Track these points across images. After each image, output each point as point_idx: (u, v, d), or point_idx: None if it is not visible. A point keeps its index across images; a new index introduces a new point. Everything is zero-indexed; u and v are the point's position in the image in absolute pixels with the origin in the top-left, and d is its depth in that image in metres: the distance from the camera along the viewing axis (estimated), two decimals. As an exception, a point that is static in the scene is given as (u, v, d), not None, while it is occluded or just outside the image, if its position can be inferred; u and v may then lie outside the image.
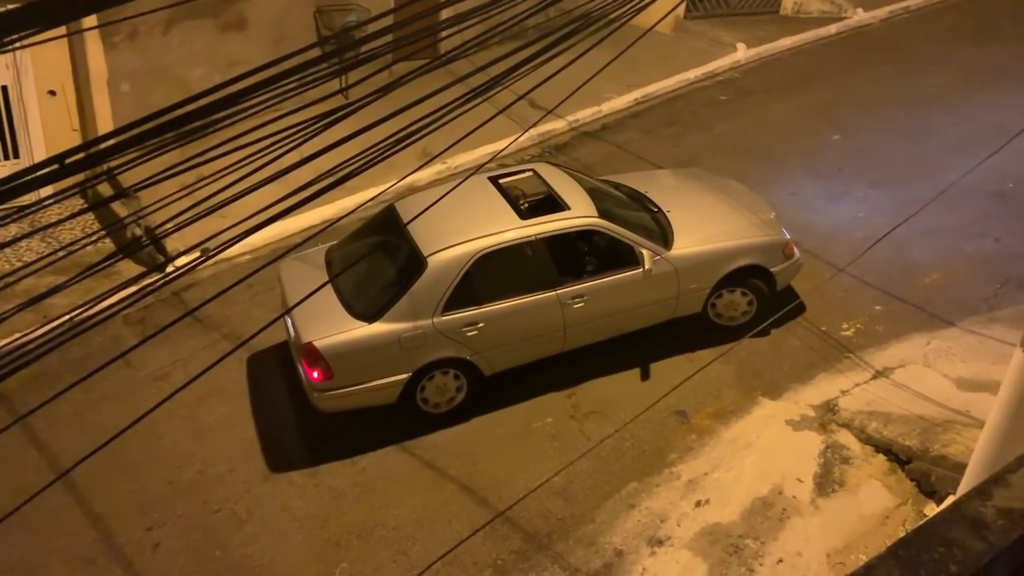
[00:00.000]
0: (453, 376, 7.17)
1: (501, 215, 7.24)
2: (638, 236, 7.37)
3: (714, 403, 7.35)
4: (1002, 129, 7.68)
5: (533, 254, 7.16)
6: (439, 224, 7.03)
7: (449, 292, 6.87)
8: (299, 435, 7.29)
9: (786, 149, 10.65)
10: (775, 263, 7.79)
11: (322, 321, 6.82)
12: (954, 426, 6.83)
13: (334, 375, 6.77)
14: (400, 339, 6.83)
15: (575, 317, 7.29)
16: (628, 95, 12.30)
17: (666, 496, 6.58)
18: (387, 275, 7.16)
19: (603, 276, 7.32)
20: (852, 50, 13.73)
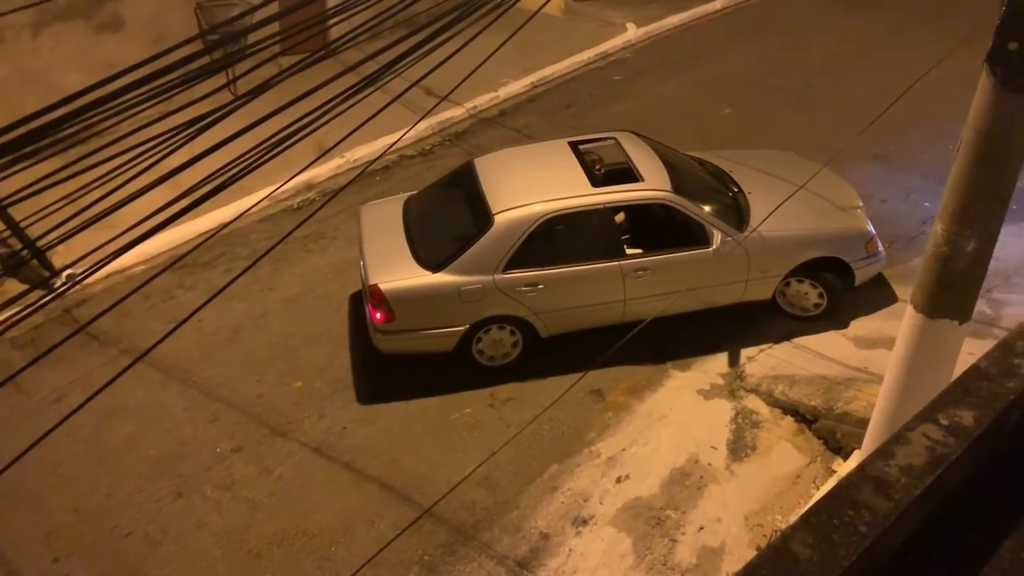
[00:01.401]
0: (509, 332, 7.34)
1: (574, 180, 7.30)
2: (710, 215, 7.28)
3: (628, 379, 7.45)
4: (882, 93, 8.01)
5: (600, 222, 7.20)
6: (512, 183, 7.34)
7: (512, 251, 7.02)
8: (210, 448, 7.05)
9: (681, 125, 10.85)
10: (854, 257, 7.58)
11: (390, 266, 7.16)
12: (855, 383, 7.13)
13: (395, 318, 7.07)
14: (460, 291, 7.03)
15: (637, 290, 7.29)
16: (524, 79, 12.31)
17: (587, 475, 6.65)
18: (456, 228, 7.30)
19: (669, 251, 7.28)
20: (737, 25, 14.08)
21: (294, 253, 9.02)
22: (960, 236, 4.71)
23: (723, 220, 7.33)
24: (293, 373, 7.68)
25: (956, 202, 4.68)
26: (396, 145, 10.31)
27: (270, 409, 7.34)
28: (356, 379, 7.58)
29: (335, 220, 9.50)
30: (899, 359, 5.28)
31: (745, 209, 7.60)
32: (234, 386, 7.56)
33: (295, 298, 8.52)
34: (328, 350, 7.89)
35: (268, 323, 8.23)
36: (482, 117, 11.62)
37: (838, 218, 7.71)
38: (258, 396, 7.46)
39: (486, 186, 7.34)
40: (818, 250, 7.47)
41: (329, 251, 9.14)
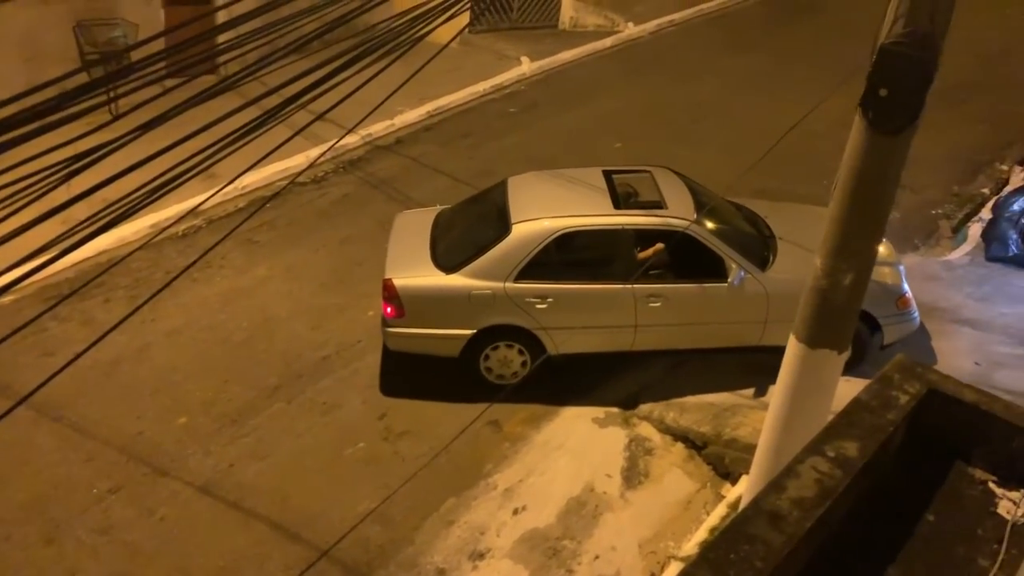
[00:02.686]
0: (518, 351, 7.38)
1: (597, 202, 7.40)
2: (730, 249, 7.23)
3: (525, 409, 7.47)
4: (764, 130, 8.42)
5: (618, 244, 7.24)
6: (537, 199, 7.54)
7: (526, 261, 7.12)
8: (84, 490, 6.63)
9: (573, 158, 11.03)
10: (883, 313, 7.37)
11: (407, 264, 7.40)
12: (741, 409, 7.36)
13: (405, 314, 7.18)
14: (471, 295, 7.15)
15: (649, 317, 7.25)
16: (420, 108, 12.32)
17: (484, 508, 6.60)
18: (476, 236, 7.46)
19: (685, 281, 7.26)
20: (627, 62, 14.53)
21: (178, 283, 8.62)
22: (838, 270, 4.94)
23: (745, 257, 7.29)
24: (176, 408, 7.34)
25: (833, 238, 4.92)
26: (286, 172, 10.13)
27: (151, 447, 6.97)
28: (245, 413, 7.30)
29: (222, 249, 9.17)
30: (783, 387, 5.48)
31: (772, 251, 7.56)
32: (112, 423, 7.16)
33: (179, 330, 8.17)
34: (214, 384, 7.59)
35: (150, 356, 7.85)
36: (377, 145, 11.54)
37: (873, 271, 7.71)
38: (138, 433, 7.09)
39: (512, 199, 7.55)
40: None
41: (216, 281, 8.83)
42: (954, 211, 10.48)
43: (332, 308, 8.51)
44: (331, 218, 9.95)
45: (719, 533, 2.05)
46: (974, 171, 11.37)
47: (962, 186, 11.01)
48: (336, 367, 7.80)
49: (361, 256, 9.26)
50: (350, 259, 9.23)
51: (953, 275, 9.16)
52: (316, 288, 8.79)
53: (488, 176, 10.68)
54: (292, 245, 9.44)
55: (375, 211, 10.05)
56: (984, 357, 7.75)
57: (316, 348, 8.00)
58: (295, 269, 9.06)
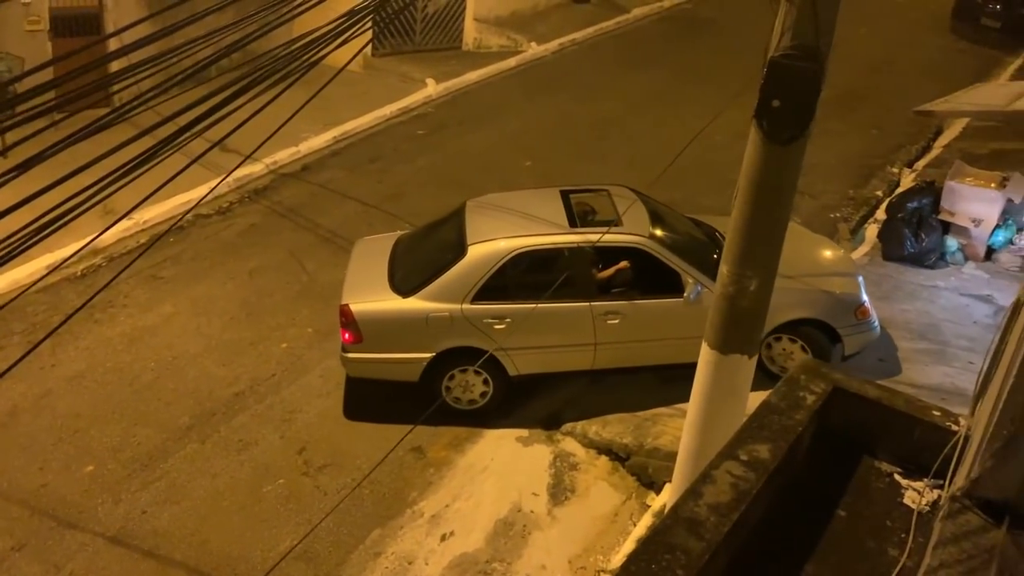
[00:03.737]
0: (478, 376, 7.33)
1: (553, 221, 7.41)
2: (686, 264, 7.21)
3: (448, 433, 7.40)
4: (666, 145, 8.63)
5: (574, 263, 7.22)
6: (493, 220, 7.51)
7: (482, 282, 7.11)
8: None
9: (485, 178, 11.09)
10: (842, 323, 7.44)
11: (364, 289, 7.38)
12: (661, 418, 7.47)
13: (363, 339, 7.13)
14: (428, 318, 7.11)
15: (608, 334, 7.23)
16: (326, 133, 12.16)
17: (412, 536, 6.50)
18: (433, 259, 7.43)
19: (643, 297, 7.25)
20: (532, 81, 14.70)
21: (79, 325, 8.29)
22: (743, 276, 5.08)
23: (702, 272, 7.24)
24: (82, 457, 7.00)
25: (737, 245, 5.06)
26: (190, 204, 9.84)
27: (56, 499, 6.63)
28: (156, 457, 7.02)
29: (124, 287, 8.86)
30: (698, 394, 5.59)
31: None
32: (12, 477, 6.78)
33: (81, 374, 7.81)
34: (122, 428, 7.27)
35: (51, 403, 7.48)
36: (283, 172, 11.33)
37: (828, 282, 7.61)
38: (42, 486, 6.73)
39: (469, 221, 7.54)
40: (802, 311, 7.39)
41: (119, 320, 8.49)
42: (851, 214, 10.91)
43: (243, 342, 8.28)
44: (238, 249, 9.71)
45: (640, 544, 2.05)
46: (867, 175, 11.89)
47: (857, 190, 11.49)
48: (250, 403, 7.58)
49: (271, 287, 9.06)
50: (260, 291, 9.01)
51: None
52: (225, 322, 8.54)
53: (399, 200, 10.65)
54: (198, 279, 9.16)
55: (283, 240, 9.86)
56: (887, 353, 8.07)
57: (228, 384, 7.76)
58: (202, 304, 8.79)
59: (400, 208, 10.43)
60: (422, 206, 10.24)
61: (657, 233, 7.38)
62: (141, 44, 3.63)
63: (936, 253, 9.50)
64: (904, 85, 14.40)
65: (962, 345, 8.16)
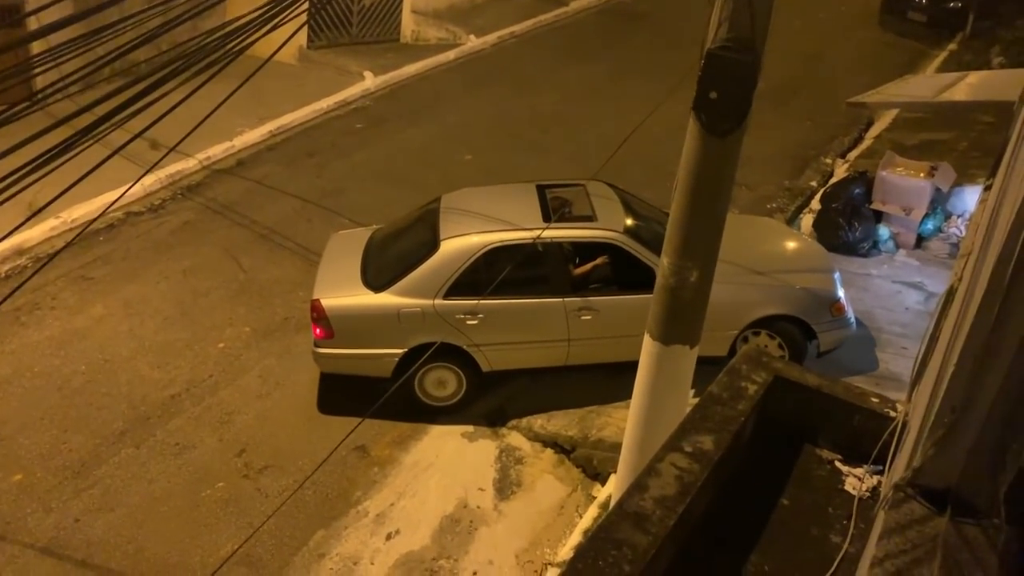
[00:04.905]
0: (452, 372, 7.30)
1: (527, 216, 7.33)
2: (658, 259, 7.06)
3: (392, 431, 7.31)
4: (605, 138, 8.66)
5: (548, 258, 7.21)
6: (467, 215, 7.39)
7: (454, 278, 7.05)
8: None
9: (425, 172, 11.00)
10: (817, 319, 7.45)
11: (335, 284, 7.31)
12: (605, 410, 7.50)
13: (334, 335, 7.07)
14: (400, 313, 7.06)
15: (581, 330, 7.19)
16: (261, 127, 11.91)
17: (356, 536, 6.41)
18: (406, 254, 7.36)
19: (616, 293, 7.22)
20: (471, 74, 14.62)
21: (4, 328, 7.97)
22: (684, 268, 5.11)
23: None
24: (9, 465, 6.73)
25: (677, 237, 5.08)
26: (120, 201, 9.52)
27: (-18, 511, 6.36)
28: (88, 464, 6.78)
29: (52, 288, 8.54)
30: (641, 385, 5.61)
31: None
32: (-67, 489, 6.49)
33: (7, 379, 7.50)
34: (52, 435, 7.01)
35: (-26, 411, 7.18)
36: (217, 168, 11.05)
37: (803, 278, 7.63)
38: (-35, 497, 6.46)
39: (443, 216, 7.48)
40: (776, 307, 7.42)
41: (47, 323, 8.18)
42: (787, 204, 11.11)
43: (178, 343, 8.05)
44: (171, 248, 9.44)
45: (586, 540, 2.03)
46: (802, 166, 12.12)
47: (792, 180, 11.70)
48: (187, 406, 7.38)
49: (206, 286, 8.82)
50: (194, 290, 8.78)
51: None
52: (159, 323, 8.30)
53: (338, 195, 10.48)
54: (130, 279, 8.88)
55: (219, 238, 9.62)
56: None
57: (163, 387, 7.55)
58: (135, 305, 8.52)
59: (340, 204, 10.27)
60: (362, 202, 10.11)
61: (632, 229, 7.37)
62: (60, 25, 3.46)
63: (869, 242, 9.74)
64: (836, 77, 14.72)
65: (895, 331, 8.38)
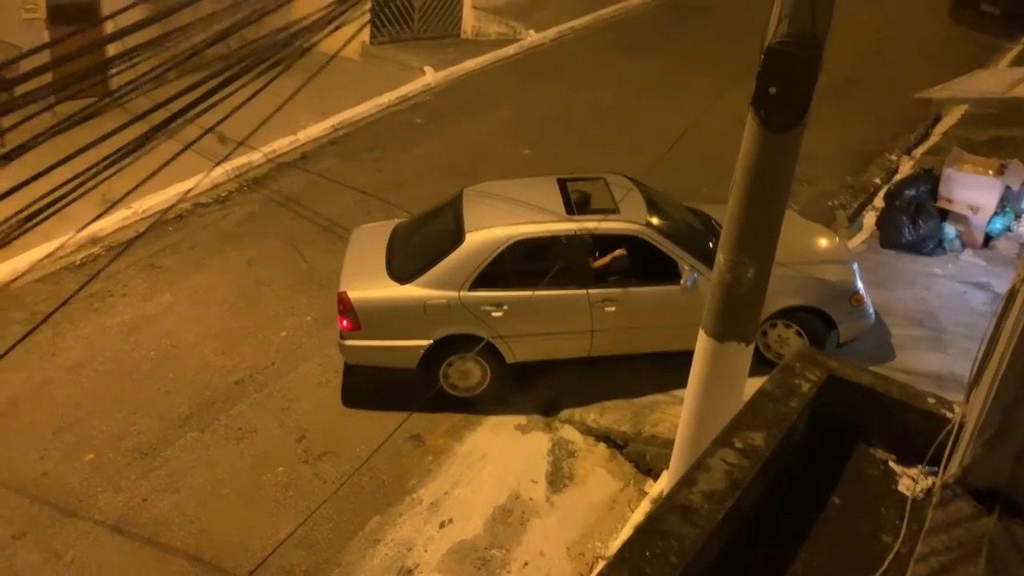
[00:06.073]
0: (476, 362, 7.35)
1: (550, 209, 7.40)
2: (683, 251, 7.23)
3: (446, 421, 7.42)
4: (663, 131, 8.63)
5: (572, 250, 7.24)
6: (491, 208, 7.51)
7: (479, 270, 7.12)
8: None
9: (483, 166, 11.08)
10: (837, 311, 7.49)
11: (361, 277, 7.39)
12: (659, 406, 7.49)
13: (361, 326, 7.15)
14: (425, 305, 7.13)
15: (605, 321, 7.25)
16: (324, 122, 12.14)
17: (410, 523, 6.53)
18: (431, 247, 7.42)
19: (640, 285, 7.27)
20: (530, 69, 14.66)
21: (78, 314, 8.31)
22: (740, 264, 5.09)
23: (698, 259, 7.26)
24: (82, 445, 7.02)
25: (734, 233, 5.07)
26: (190, 193, 9.84)
27: (57, 487, 6.66)
28: (156, 445, 7.04)
29: (123, 276, 8.86)
30: (695, 381, 5.61)
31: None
32: (13, 465, 6.80)
33: (81, 363, 7.83)
34: (122, 417, 7.30)
35: (50, 392, 7.50)
36: (281, 161, 11.31)
37: (823, 269, 7.65)
38: (42, 474, 6.76)
39: (467, 209, 7.54)
40: (796, 298, 7.40)
41: (118, 309, 8.50)
42: (849, 201, 10.91)
43: (242, 331, 8.29)
44: (236, 239, 9.71)
45: (635, 531, 2.07)
46: (865, 162, 11.87)
47: (855, 177, 11.48)
48: (249, 391, 7.60)
49: (269, 276, 9.06)
50: (258, 280, 9.02)
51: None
52: (224, 311, 8.55)
53: (397, 189, 10.64)
54: (197, 268, 9.17)
55: (282, 229, 9.86)
56: (883, 340, 8.09)
57: (227, 373, 7.79)
58: (201, 293, 8.80)
59: (398, 197, 10.42)
60: (420, 195, 10.23)
61: (654, 220, 7.39)
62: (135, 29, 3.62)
63: (934, 241, 9.51)
64: (903, 72, 14.36)
65: (959, 332, 8.18)
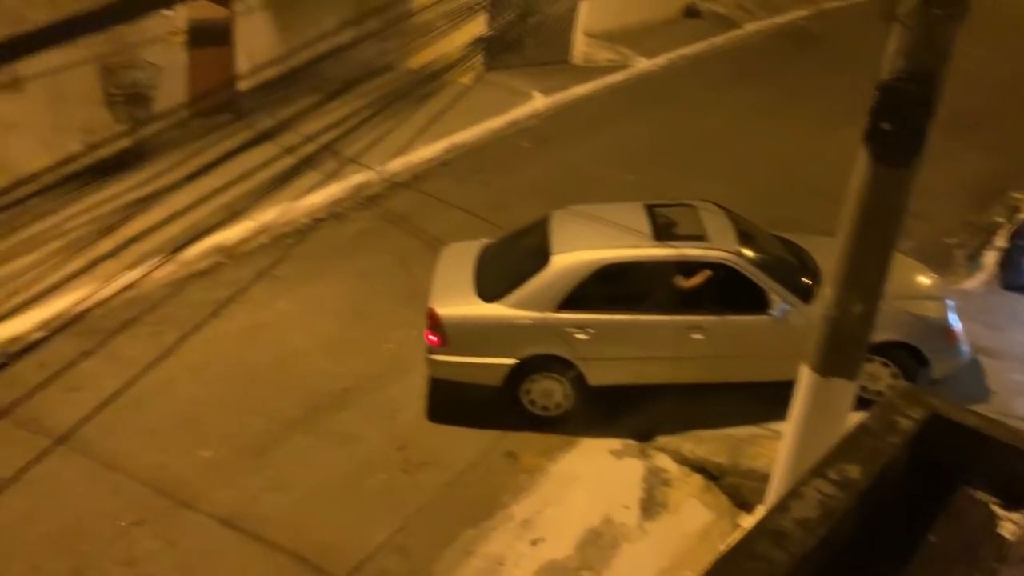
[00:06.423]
0: (559, 382, 7.45)
1: (637, 233, 7.48)
2: (773, 281, 7.23)
3: (541, 440, 7.53)
4: (771, 161, 8.57)
5: (659, 276, 7.29)
6: (578, 232, 7.69)
7: (566, 292, 7.23)
8: (110, 522, 6.74)
9: (587, 191, 11.17)
10: (931, 347, 7.35)
11: (450, 294, 7.58)
12: (758, 440, 7.39)
13: (448, 342, 7.32)
14: (512, 324, 7.29)
15: (691, 349, 7.28)
16: (436, 144, 12.51)
17: (503, 539, 6.66)
18: (518, 267, 7.60)
19: (728, 314, 7.26)
20: (638, 95, 14.74)
21: (201, 318, 8.82)
22: (847, 299, 5.04)
23: (789, 290, 7.24)
24: (199, 441, 7.46)
25: (843, 268, 5.02)
26: (307, 208, 10.34)
27: (175, 480, 7.09)
28: (266, 446, 7.42)
29: (244, 284, 9.35)
30: (796, 417, 5.54)
31: (817, 285, 7.32)
32: (137, 457, 7.29)
33: (202, 364, 8.32)
34: (237, 417, 7.72)
35: (174, 391, 7.99)
36: (395, 181, 11.74)
37: (917, 305, 7.52)
38: (162, 466, 7.21)
39: (554, 232, 7.70)
40: (890, 333, 7.10)
41: (238, 315, 8.98)
42: (968, 240, 10.51)
43: (351, 341, 8.65)
44: (350, 253, 10.13)
45: (724, 552, 2.14)
46: (987, 200, 11.41)
47: (976, 215, 11.05)
48: (355, 399, 7.92)
49: (378, 290, 9.42)
50: (369, 293, 9.39)
51: (968, 303, 9.14)
52: (335, 321, 8.94)
53: (502, 210, 10.86)
54: (312, 279, 9.61)
55: (392, 246, 10.23)
56: (1000, 385, 7.76)
57: (336, 380, 8.13)
58: (315, 303, 9.22)
59: (503, 218, 10.64)
60: (524, 216, 10.39)
61: (744, 249, 7.34)
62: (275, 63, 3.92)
63: (1060, 284, 9.08)
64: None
65: (1084, 381, 7.78)
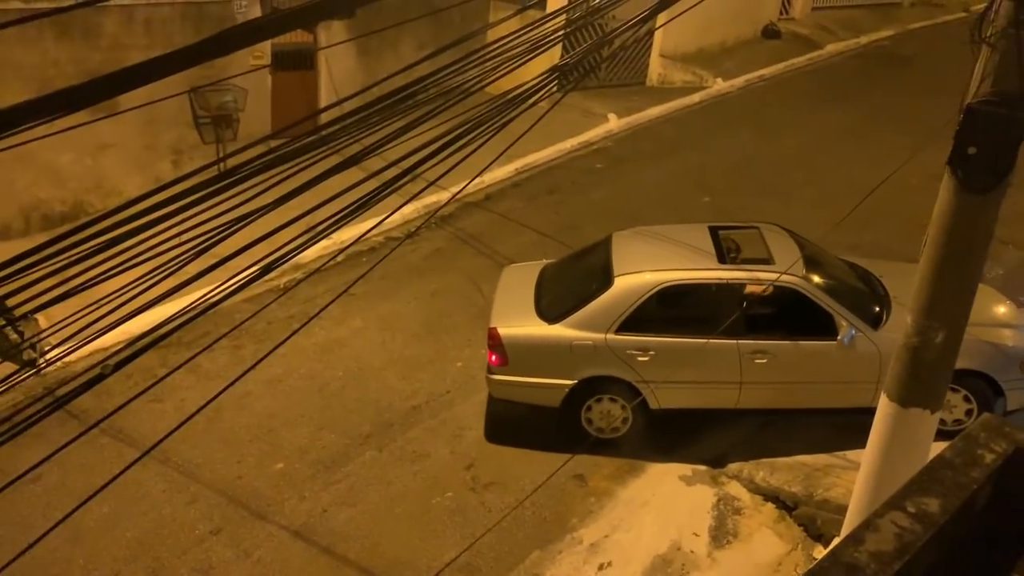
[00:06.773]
0: (619, 405, 7.41)
1: (701, 256, 7.43)
2: (840, 306, 7.08)
3: (610, 464, 7.47)
4: (852, 184, 8.35)
5: (723, 299, 7.19)
6: (641, 253, 7.67)
7: (627, 313, 7.18)
8: (187, 530, 6.96)
9: (660, 212, 11.14)
10: (1006, 376, 7.15)
11: (511, 314, 7.61)
12: (834, 470, 7.18)
13: (508, 362, 7.36)
14: (572, 345, 7.26)
15: (755, 374, 7.17)
16: (509, 165, 12.63)
17: (569, 562, 6.61)
18: (579, 288, 7.59)
19: (793, 338, 7.16)
20: (715, 117, 14.61)
21: (278, 333, 9.07)
22: (929, 328, 4.87)
23: (856, 315, 7.10)
24: (274, 454, 7.65)
25: (925, 295, 4.86)
26: (382, 228, 10.50)
27: (250, 491, 7.28)
28: (338, 460, 7.55)
29: (320, 300, 9.56)
30: (874, 447, 5.37)
31: (886, 310, 7.30)
32: (214, 467, 7.51)
33: (278, 379, 8.54)
34: (310, 431, 7.88)
35: (250, 403, 8.22)
36: (467, 201, 11.87)
37: (993, 333, 7.29)
38: (238, 477, 7.41)
39: (616, 253, 7.68)
40: (964, 361, 6.84)
41: (314, 331, 9.20)
42: (1062, 267, 10.04)
43: (422, 359, 8.76)
44: (422, 272, 10.28)
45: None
46: (1083, 225, 10.90)
47: (1070, 240, 10.56)
48: (425, 417, 8.01)
49: (450, 309, 9.52)
50: (440, 312, 9.51)
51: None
52: (407, 339, 9.07)
53: (573, 231, 10.89)
54: (385, 297, 9.78)
55: (464, 265, 10.34)
56: (1096, 420, 7.37)
57: (407, 398, 8.24)
58: (388, 321, 9.38)
59: (574, 239, 10.64)
60: (595, 237, 10.37)
61: (811, 273, 7.18)
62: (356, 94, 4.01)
63: None
64: None
65: None
